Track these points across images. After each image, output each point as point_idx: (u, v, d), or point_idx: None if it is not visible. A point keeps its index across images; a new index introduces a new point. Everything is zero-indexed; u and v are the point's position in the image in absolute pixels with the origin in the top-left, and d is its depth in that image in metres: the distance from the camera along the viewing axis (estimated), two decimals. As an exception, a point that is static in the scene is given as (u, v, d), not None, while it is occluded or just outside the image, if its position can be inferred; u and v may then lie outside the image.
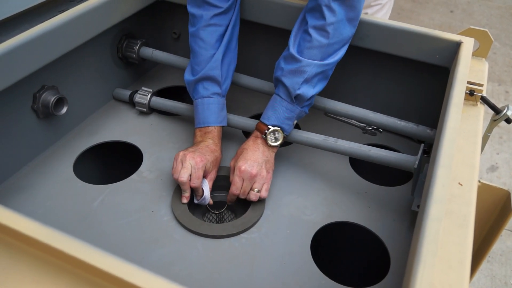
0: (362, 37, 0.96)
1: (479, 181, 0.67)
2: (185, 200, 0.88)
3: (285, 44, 1.02)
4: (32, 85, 0.91)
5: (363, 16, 0.96)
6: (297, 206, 0.90)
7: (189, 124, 1.11)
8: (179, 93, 1.27)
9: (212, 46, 0.94)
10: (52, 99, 0.93)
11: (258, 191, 0.87)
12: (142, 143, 1.04)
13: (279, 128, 0.89)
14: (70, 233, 0.80)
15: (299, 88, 0.85)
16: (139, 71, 1.25)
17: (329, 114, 1.14)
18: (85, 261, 0.47)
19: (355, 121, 1.10)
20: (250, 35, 1.12)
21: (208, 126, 0.95)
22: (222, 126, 0.97)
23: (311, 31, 0.84)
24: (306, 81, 0.85)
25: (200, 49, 0.94)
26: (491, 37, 0.89)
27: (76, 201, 0.89)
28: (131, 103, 1.13)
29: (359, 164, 0.98)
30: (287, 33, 1.03)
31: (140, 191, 0.92)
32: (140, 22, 1.17)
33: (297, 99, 0.87)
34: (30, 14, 0.90)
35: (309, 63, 0.84)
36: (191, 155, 0.87)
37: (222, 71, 0.95)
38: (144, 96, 1.09)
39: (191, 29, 0.96)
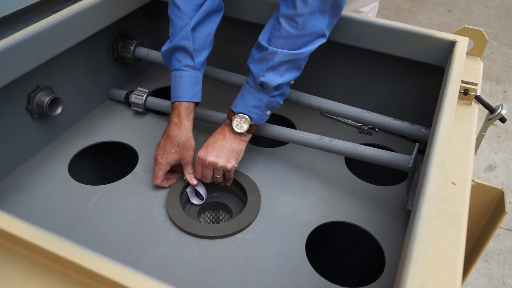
0: (357, 37, 0.96)
1: (473, 181, 0.67)
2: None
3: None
4: (26, 85, 0.91)
5: (358, 15, 0.96)
6: (293, 206, 0.90)
7: (185, 124, 1.10)
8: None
9: (187, 16, 0.89)
10: (47, 99, 0.93)
11: (219, 177, 0.89)
12: (138, 143, 1.04)
13: (246, 116, 0.87)
14: (65, 233, 0.81)
15: (263, 75, 0.83)
16: (134, 71, 1.25)
17: (325, 113, 1.14)
18: (77, 263, 0.47)
19: (351, 121, 1.10)
20: (240, 34, 1.12)
21: (176, 101, 0.90)
22: (195, 102, 0.92)
23: (281, 19, 0.81)
24: (271, 68, 0.83)
25: (175, 18, 0.89)
26: (486, 37, 0.89)
27: (71, 202, 0.89)
28: (127, 103, 1.13)
29: (355, 164, 0.98)
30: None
31: (135, 191, 0.92)
32: (136, 22, 1.17)
33: (262, 86, 0.84)
34: (25, 14, 0.90)
35: (274, 50, 0.81)
36: (155, 157, 0.91)
37: (194, 42, 0.89)
38: (139, 96, 1.09)
39: None
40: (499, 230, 1.99)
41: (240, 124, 0.87)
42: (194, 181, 0.91)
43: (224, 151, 0.88)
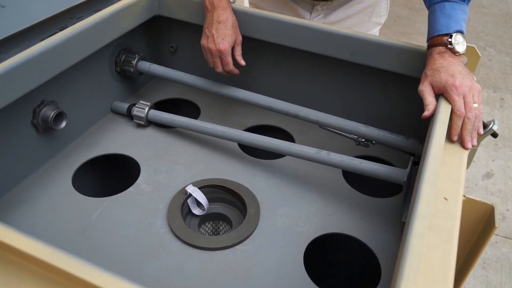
0: (353, 53, 0.98)
1: (464, 196, 0.69)
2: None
3: (275, 58, 1.05)
4: (31, 100, 0.93)
5: (354, 33, 0.99)
6: (291, 218, 0.92)
7: (185, 136, 1.13)
8: (176, 105, 1.29)
9: None
10: (52, 114, 0.95)
11: (478, 106, 0.78)
12: (140, 155, 1.06)
13: (461, 33, 0.83)
14: (69, 245, 0.83)
15: None
16: (136, 84, 1.28)
17: (323, 126, 1.16)
18: (82, 278, 0.49)
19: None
20: (246, 50, 1.15)
21: None
22: None
23: None
24: None
25: None
26: (479, 53, 0.92)
27: (75, 214, 0.91)
28: (129, 116, 1.15)
29: (352, 174, 1.01)
30: (278, 47, 1.06)
31: (137, 203, 0.94)
32: (138, 37, 1.20)
33: None
34: (30, 32, 0.92)
35: None
36: (214, 47, 0.94)
37: None
38: (142, 109, 1.11)
39: None
40: (496, 238, 2.01)
41: (460, 43, 0.83)
42: (243, 62, 1.00)
43: (470, 75, 0.81)
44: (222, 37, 0.95)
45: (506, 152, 2.47)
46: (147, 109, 1.12)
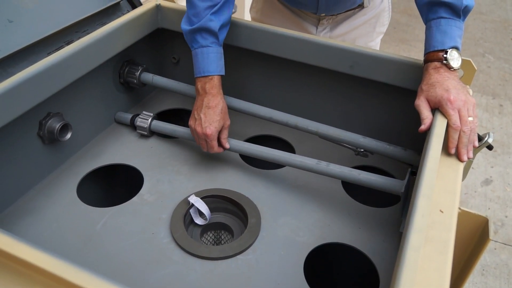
0: (352, 66, 1.01)
1: (460, 208, 0.71)
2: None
3: (276, 70, 1.07)
4: (38, 112, 0.96)
5: (353, 46, 1.01)
6: (291, 228, 0.94)
7: (187, 146, 1.15)
8: (179, 115, 1.32)
9: None
10: (57, 125, 0.98)
11: (472, 119, 0.80)
12: (143, 165, 1.08)
13: (456, 48, 0.86)
14: (74, 255, 0.85)
15: (464, 0, 0.85)
16: (139, 94, 1.30)
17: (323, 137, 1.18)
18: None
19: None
20: (244, 61, 1.18)
21: (208, 75, 0.99)
22: (221, 76, 1.02)
23: None
24: None
25: (197, 1, 0.98)
26: (475, 66, 0.94)
27: (80, 224, 0.93)
28: (132, 126, 1.17)
29: (352, 184, 1.02)
30: (279, 59, 1.08)
31: (141, 213, 0.96)
32: (141, 49, 1.22)
33: (465, 11, 0.86)
34: (37, 46, 0.95)
35: None
36: (200, 130, 0.98)
37: (218, 22, 0.99)
38: (145, 120, 1.13)
39: None
40: (495, 244, 2.02)
41: (455, 59, 0.85)
42: (227, 145, 1.02)
43: (464, 89, 0.84)
44: (210, 122, 0.98)
45: (505, 159, 2.48)
46: (150, 119, 1.14)
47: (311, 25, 1.26)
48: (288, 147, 1.18)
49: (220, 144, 1.03)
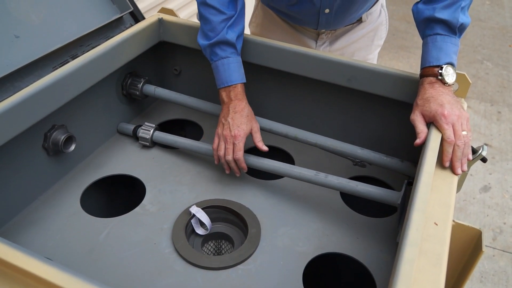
0: (350, 79, 1.03)
1: (454, 221, 0.73)
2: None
3: (276, 83, 1.08)
4: (43, 125, 0.98)
5: (350, 60, 1.04)
6: (291, 238, 0.96)
7: (188, 157, 1.17)
8: (180, 125, 1.34)
9: (221, 12, 1.01)
10: (62, 137, 1.00)
11: (466, 133, 0.83)
12: (145, 176, 1.10)
13: (451, 64, 0.89)
14: (78, 265, 0.88)
15: (460, 17, 0.88)
16: (141, 105, 1.33)
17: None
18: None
19: (346, 154, 1.17)
20: (249, 75, 1.20)
21: (231, 85, 1.03)
22: (244, 83, 1.05)
23: None
24: (463, 9, 0.89)
25: (210, 16, 1.02)
26: (469, 79, 0.96)
27: (83, 234, 0.95)
28: (135, 137, 1.20)
29: (350, 195, 1.05)
30: (278, 72, 1.10)
31: (143, 223, 0.98)
32: (144, 61, 1.25)
33: (461, 29, 0.90)
34: (43, 60, 0.97)
35: None
36: (229, 133, 1.00)
37: (234, 34, 1.03)
38: (147, 131, 1.16)
39: None
40: (494, 251, 2.04)
41: (450, 75, 0.88)
42: (265, 147, 1.03)
43: (458, 104, 0.86)
44: (238, 124, 1.00)
45: (503, 166, 2.50)
46: (152, 130, 1.16)
47: (311, 40, 1.29)
48: (287, 157, 1.21)
49: (256, 149, 1.05)
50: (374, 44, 1.34)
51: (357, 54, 1.33)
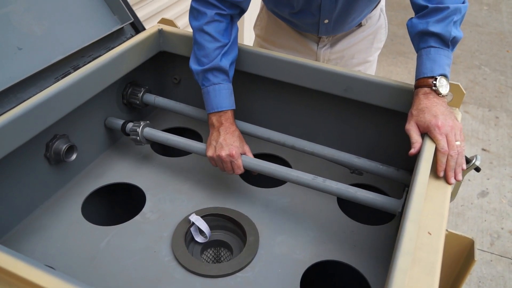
0: (346, 89, 1.05)
1: (447, 230, 0.75)
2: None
3: (274, 92, 1.10)
4: (45, 135, 1.00)
5: (346, 71, 1.06)
6: (288, 245, 0.97)
7: (188, 165, 1.19)
8: (179, 133, 1.35)
9: (216, 39, 1.04)
10: (64, 147, 1.02)
11: (460, 143, 0.85)
12: (145, 184, 1.12)
13: (445, 76, 0.91)
14: (79, 273, 0.89)
15: (453, 31, 0.91)
16: (141, 114, 1.34)
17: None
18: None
19: (343, 162, 1.19)
20: (242, 84, 1.22)
21: (222, 110, 1.05)
22: (233, 110, 1.07)
23: None
24: (455, 23, 0.92)
25: (205, 42, 1.04)
26: (463, 90, 0.98)
27: (84, 242, 0.96)
28: (123, 132, 1.16)
29: (346, 201, 1.06)
30: (276, 82, 1.12)
31: (143, 232, 1.00)
32: (144, 71, 1.27)
33: (454, 42, 0.93)
34: (45, 71, 0.99)
35: (457, 7, 0.92)
36: (224, 153, 1.00)
37: (227, 62, 1.05)
38: (137, 125, 1.12)
39: (194, 23, 1.06)
40: (491, 256, 2.05)
41: (443, 86, 0.90)
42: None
43: (452, 115, 0.88)
44: (231, 143, 1.01)
45: (501, 171, 2.52)
46: (141, 126, 1.12)
47: (313, 42, 1.32)
48: (285, 165, 1.22)
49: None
50: (373, 46, 1.36)
51: (357, 56, 1.35)
